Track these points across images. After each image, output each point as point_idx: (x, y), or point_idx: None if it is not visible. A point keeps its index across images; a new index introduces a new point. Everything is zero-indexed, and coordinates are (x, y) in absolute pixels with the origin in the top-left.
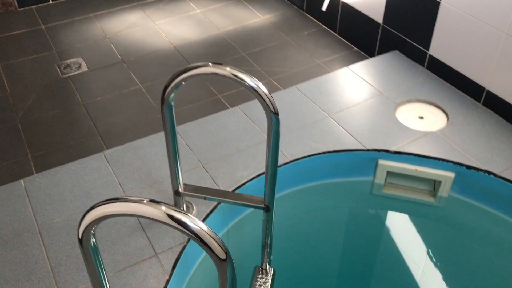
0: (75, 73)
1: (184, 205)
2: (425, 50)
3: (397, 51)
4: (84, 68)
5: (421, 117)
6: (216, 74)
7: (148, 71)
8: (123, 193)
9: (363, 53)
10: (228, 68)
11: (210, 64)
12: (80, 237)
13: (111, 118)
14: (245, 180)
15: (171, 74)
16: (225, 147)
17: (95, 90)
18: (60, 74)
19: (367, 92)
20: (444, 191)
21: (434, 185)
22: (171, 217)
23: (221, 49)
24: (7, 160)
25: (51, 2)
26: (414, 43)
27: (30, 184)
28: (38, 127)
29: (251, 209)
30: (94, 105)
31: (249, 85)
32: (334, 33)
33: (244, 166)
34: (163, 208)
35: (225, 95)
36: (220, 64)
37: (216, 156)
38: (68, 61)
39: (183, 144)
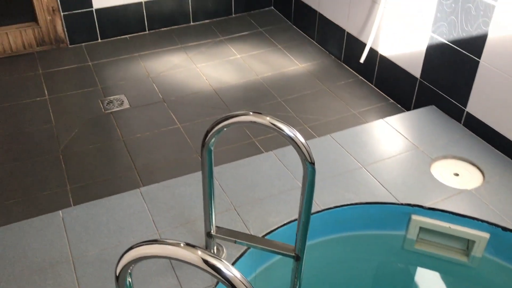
0: (117, 109)
1: (215, 247)
2: (462, 107)
3: (433, 106)
4: (126, 105)
5: (457, 174)
6: (256, 123)
7: (187, 111)
8: (156, 231)
9: (399, 106)
10: (267, 118)
11: (251, 113)
12: (117, 275)
13: (149, 155)
14: (276, 226)
15: (209, 116)
16: (258, 191)
17: (135, 127)
18: (103, 110)
19: (402, 145)
20: (478, 251)
21: (467, 244)
22: (206, 262)
23: (258, 94)
24: (47, 190)
25: (99, 40)
26: (452, 100)
27: (67, 216)
28: (79, 160)
29: (281, 256)
30: (133, 141)
31: (287, 134)
32: (370, 84)
33: (275, 212)
34: (199, 252)
35: (260, 139)
36: (260, 113)
37: (249, 199)
38: (111, 98)
39: (217, 185)
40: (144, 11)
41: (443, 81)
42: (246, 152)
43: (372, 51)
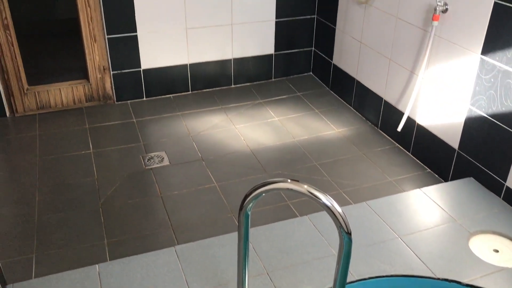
0: (157, 165)
1: None
2: (502, 181)
3: (472, 178)
4: (166, 162)
5: (496, 250)
6: (293, 190)
7: (224, 171)
8: None
9: (437, 176)
10: (305, 186)
11: (289, 180)
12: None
13: (185, 213)
14: None
15: (245, 176)
16: (291, 256)
17: (174, 184)
18: (144, 166)
19: (440, 217)
20: None
21: None
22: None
23: (294, 156)
24: (86, 243)
25: (144, 98)
26: (491, 173)
27: (103, 270)
28: (117, 214)
29: None
30: (171, 198)
31: (324, 203)
32: (407, 152)
33: (308, 279)
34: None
35: (295, 202)
36: (297, 180)
37: (282, 264)
38: (152, 154)
39: (250, 247)
40: (189, 72)
41: (482, 153)
42: (280, 215)
43: (410, 120)
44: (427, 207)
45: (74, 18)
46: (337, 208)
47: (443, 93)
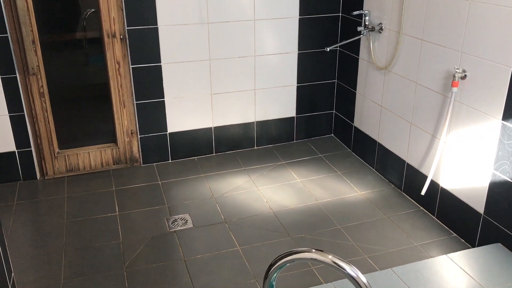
0: (181, 228)
1: None
2: None
3: (500, 244)
4: (190, 224)
5: None
6: (317, 260)
7: (247, 234)
8: None
9: (463, 240)
10: (329, 256)
11: (313, 250)
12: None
13: (208, 278)
14: None
15: (268, 240)
16: None
17: (197, 247)
18: (168, 228)
19: (467, 285)
20: None
21: None
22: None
23: (317, 219)
24: None
25: (170, 160)
26: None
27: None
28: (141, 278)
29: None
30: (194, 262)
31: (349, 274)
32: (432, 216)
33: None
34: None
35: (319, 267)
36: (322, 250)
37: None
38: (176, 216)
39: None
40: (213, 135)
41: (509, 219)
42: (305, 281)
43: (433, 184)
44: (454, 274)
45: (104, 83)
46: (363, 279)
47: (466, 157)
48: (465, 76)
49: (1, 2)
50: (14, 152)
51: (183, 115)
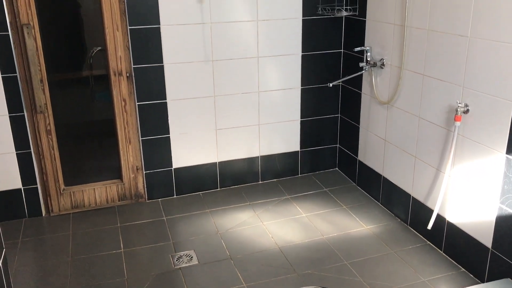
0: (186, 265)
1: None
2: None
3: (509, 279)
4: (195, 261)
5: None
6: None
7: (253, 270)
8: None
9: (471, 275)
10: None
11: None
12: None
13: None
14: None
15: (274, 276)
16: None
17: (202, 284)
18: (173, 265)
19: None
20: None
21: None
22: None
23: (324, 255)
24: None
25: (175, 196)
26: None
27: None
28: None
29: None
30: None
31: None
32: (439, 250)
33: None
34: None
35: None
36: None
37: None
38: (181, 253)
39: None
40: (218, 170)
41: None
42: None
43: (440, 218)
44: None
45: (110, 119)
46: None
47: (472, 191)
48: (468, 110)
49: (12, 43)
50: (20, 189)
51: (188, 150)
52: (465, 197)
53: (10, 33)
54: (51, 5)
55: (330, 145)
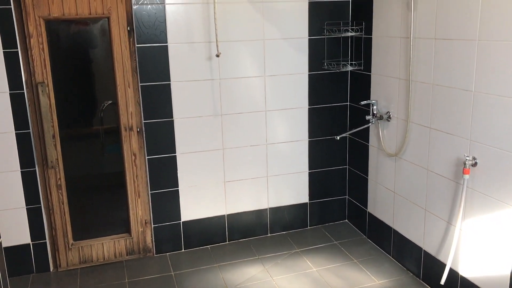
0: None
1: None
2: None
3: None
4: None
5: None
6: None
7: None
8: None
9: None
10: None
11: None
12: None
13: None
14: None
15: None
16: None
17: None
18: None
19: None
20: None
21: None
22: None
23: None
24: None
25: (183, 250)
26: None
27: None
28: None
29: None
30: None
31: None
32: None
33: None
34: None
35: None
36: None
37: None
38: None
39: None
40: (226, 222)
41: None
42: None
43: (453, 272)
44: None
45: (119, 171)
46: None
47: (484, 244)
48: (476, 163)
49: (26, 100)
50: (29, 244)
51: (196, 203)
52: (478, 251)
53: (25, 91)
54: (65, 63)
55: (339, 197)
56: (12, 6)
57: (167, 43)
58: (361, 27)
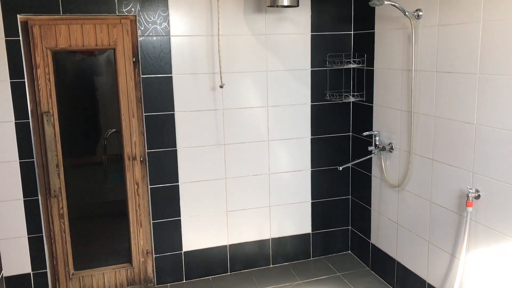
0: None
1: None
2: None
3: None
4: None
5: None
6: None
7: None
8: None
9: None
10: None
11: None
12: None
13: None
14: None
15: None
16: None
17: None
18: None
19: None
20: None
21: None
22: None
23: None
24: None
25: (184, 281)
26: None
27: None
28: None
29: None
30: None
31: None
32: None
33: None
34: None
35: None
36: None
37: None
38: None
39: None
40: (228, 253)
41: None
42: None
43: None
44: None
45: (122, 200)
46: None
47: (489, 278)
48: (479, 196)
49: (31, 129)
50: (29, 274)
51: (198, 233)
52: (483, 284)
53: (30, 120)
54: (70, 92)
55: (342, 227)
56: (20, 38)
57: (171, 74)
58: (363, 59)
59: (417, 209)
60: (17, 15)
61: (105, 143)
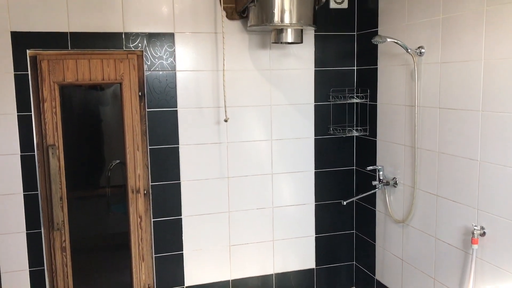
0: None
1: None
2: None
3: None
4: None
5: None
6: None
7: None
8: None
9: None
10: None
11: None
12: None
13: None
14: None
15: None
16: None
17: None
18: None
19: None
20: None
21: None
22: None
23: None
24: None
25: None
26: None
27: None
28: None
29: None
30: None
31: None
32: None
33: None
34: None
35: None
36: None
37: None
38: None
39: None
40: None
41: None
42: None
43: None
44: None
45: (124, 231)
46: None
47: None
48: (484, 233)
49: (36, 162)
50: None
51: (201, 267)
52: None
53: (36, 153)
54: (76, 125)
55: (347, 262)
56: (29, 72)
57: (176, 107)
58: (366, 94)
59: (422, 245)
60: (27, 50)
61: (109, 174)
